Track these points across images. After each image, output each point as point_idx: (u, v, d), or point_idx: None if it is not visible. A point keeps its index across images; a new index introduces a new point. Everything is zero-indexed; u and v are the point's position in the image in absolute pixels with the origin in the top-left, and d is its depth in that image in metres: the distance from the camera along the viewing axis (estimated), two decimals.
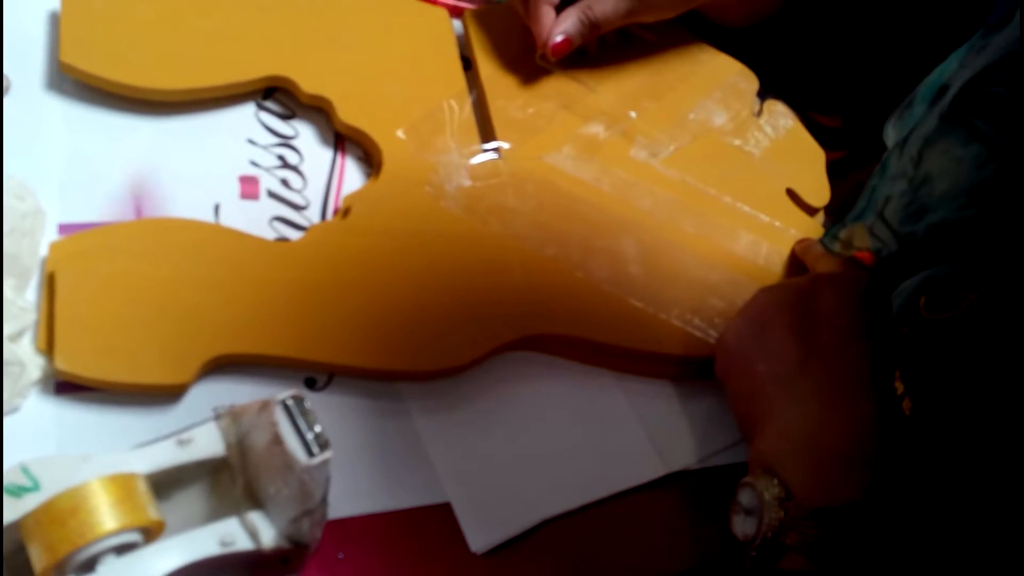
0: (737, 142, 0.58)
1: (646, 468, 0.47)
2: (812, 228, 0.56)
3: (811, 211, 0.57)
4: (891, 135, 0.48)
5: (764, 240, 0.54)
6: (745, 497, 0.41)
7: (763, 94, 0.61)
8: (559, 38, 0.54)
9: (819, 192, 0.57)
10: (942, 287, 0.41)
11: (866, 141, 0.64)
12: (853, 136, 0.64)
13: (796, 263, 0.54)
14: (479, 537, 0.42)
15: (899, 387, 0.42)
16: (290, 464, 0.34)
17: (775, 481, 0.40)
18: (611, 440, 0.47)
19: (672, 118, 0.58)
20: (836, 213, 0.57)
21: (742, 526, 0.40)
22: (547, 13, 0.54)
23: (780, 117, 0.60)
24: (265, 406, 0.35)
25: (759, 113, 0.60)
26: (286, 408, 0.34)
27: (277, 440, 0.34)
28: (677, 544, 0.46)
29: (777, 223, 0.55)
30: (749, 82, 0.61)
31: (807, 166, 0.58)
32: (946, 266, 0.42)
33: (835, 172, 0.60)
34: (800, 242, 0.54)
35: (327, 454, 0.34)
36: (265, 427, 0.34)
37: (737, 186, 0.56)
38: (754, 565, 0.39)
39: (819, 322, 0.44)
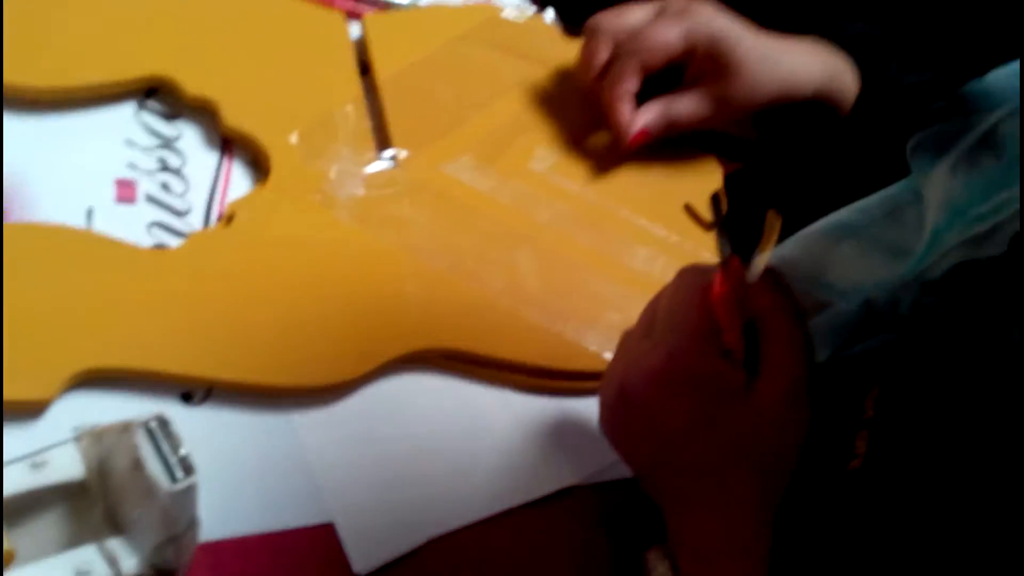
0: (635, 155, 0.58)
1: (537, 483, 0.46)
2: (708, 243, 0.56)
3: (708, 226, 0.57)
4: None
5: (661, 254, 0.54)
6: (642, 569, 0.40)
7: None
8: (636, 129, 0.54)
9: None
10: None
11: (769, 152, 0.65)
12: (757, 147, 0.64)
13: None
14: (362, 558, 0.40)
15: (860, 445, 0.40)
16: (152, 490, 0.32)
17: (666, 561, 0.39)
18: (502, 455, 0.46)
19: (573, 131, 0.57)
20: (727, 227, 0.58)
21: None
22: (626, 106, 0.54)
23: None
24: (127, 428, 0.33)
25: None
26: (148, 431, 0.32)
27: (138, 465, 0.32)
28: (571, 562, 0.45)
29: (674, 237, 0.55)
30: None
31: (704, 181, 0.59)
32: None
33: (731, 185, 0.61)
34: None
35: (191, 479, 0.32)
36: (126, 450, 0.32)
37: (635, 200, 0.56)
38: None
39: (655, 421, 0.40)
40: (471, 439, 0.46)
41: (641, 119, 0.54)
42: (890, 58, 0.56)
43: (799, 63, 0.54)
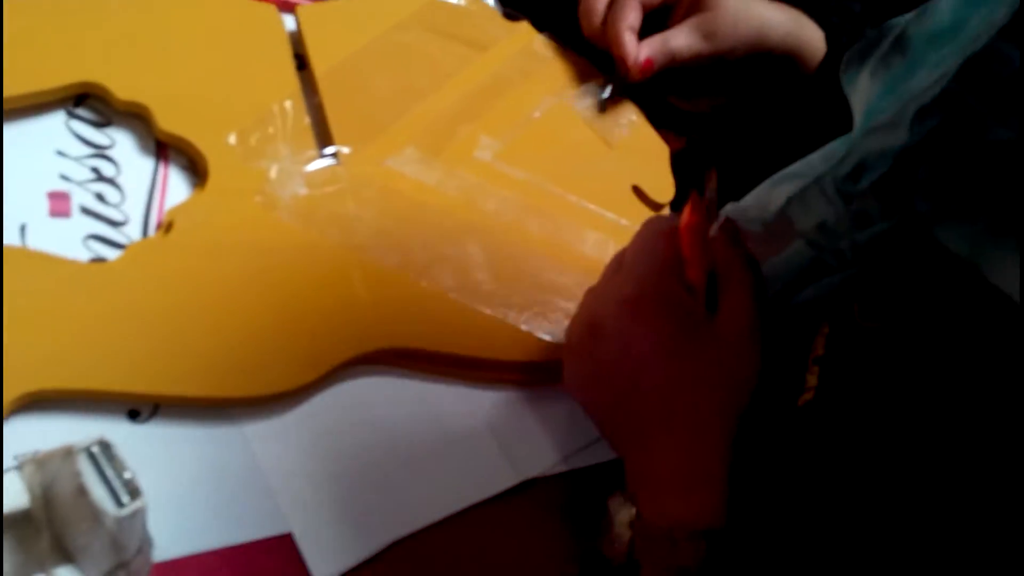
0: (582, 139, 0.58)
1: (498, 478, 0.46)
2: None
3: (656, 207, 0.57)
4: None
5: (611, 239, 0.54)
6: (605, 519, 0.41)
7: (608, 89, 0.60)
8: (643, 59, 0.57)
9: (663, 188, 0.57)
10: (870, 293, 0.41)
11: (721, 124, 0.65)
12: (709, 120, 0.65)
13: None
14: (323, 567, 0.40)
15: (811, 380, 0.42)
16: (98, 515, 0.31)
17: (628, 505, 0.40)
18: (461, 452, 0.46)
19: (517, 116, 0.57)
20: (674, 206, 0.58)
21: (606, 547, 0.41)
22: (630, 38, 0.57)
23: (624, 112, 0.60)
24: (69, 453, 0.32)
25: (603, 108, 0.59)
26: (91, 456, 0.31)
27: (82, 491, 0.31)
28: (535, 552, 0.45)
29: (623, 221, 0.55)
30: (593, 78, 0.60)
31: (651, 161, 0.58)
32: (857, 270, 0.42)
33: (680, 160, 0.61)
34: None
35: (138, 503, 0.31)
36: (69, 476, 0.32)
37: (583, 184, 0.55)
38: None
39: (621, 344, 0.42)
40: (429, 437, 0.46)
41: (644, 50, 0.57)
42: (862, 25, 0.58)
43: (769, 11, 0.59)
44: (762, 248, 0.45)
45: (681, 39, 0.58)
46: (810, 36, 0.59)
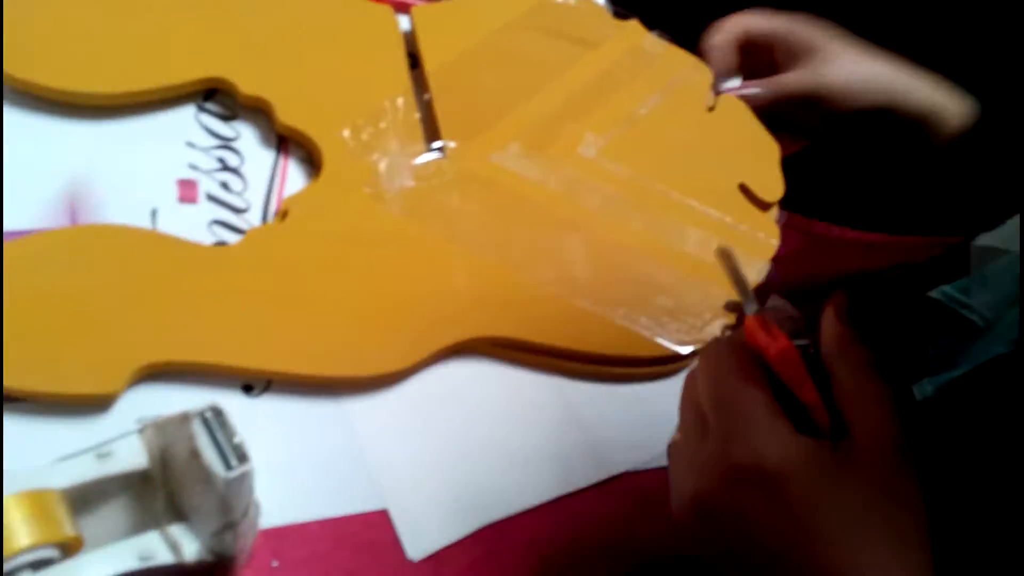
0: (688, 136, 0.57)
1: (587, 472, 0.46)
2: (765, 223, 0.56)
3: (764, 206, 0.56)
4: None
5: (713, 237, 0.53)
6: None
7: (717, 87, 0.60)
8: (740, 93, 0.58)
9: (772, 187, 0.57)
10: None
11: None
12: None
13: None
14: (416, 544, 0.42)
15: None
16: (209, 477, 0.33)
17: None
18: (553, 443, 0.47)
19: (623, 114, 0.57)
20: (787, 204, 0.57)
21: None
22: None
23: (734, 110, 0.59)
24: (184, 419, 0.34)
25: (712, 107, 0.59)
26: (204, 421, 0.34)
27: (195, 453, 0.33)
28: (620, 546, 0.46)
29: (728, 219, 0.55)
30: (702, 75, 0.60)
31: (760, 160, 0.58)
32: None
33: (792, 164, 0.60)
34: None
35: (245, 467, 0.33)
36: (184, 440, 0.34)
37: (687, 182, 0.55)
38: None
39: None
40: (523, 426, 0.47)
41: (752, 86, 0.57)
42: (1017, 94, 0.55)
43: (895, 71, 0.56)
44: None
45: (791, 78, 0.56)
46: (945, 102, 0.54)
